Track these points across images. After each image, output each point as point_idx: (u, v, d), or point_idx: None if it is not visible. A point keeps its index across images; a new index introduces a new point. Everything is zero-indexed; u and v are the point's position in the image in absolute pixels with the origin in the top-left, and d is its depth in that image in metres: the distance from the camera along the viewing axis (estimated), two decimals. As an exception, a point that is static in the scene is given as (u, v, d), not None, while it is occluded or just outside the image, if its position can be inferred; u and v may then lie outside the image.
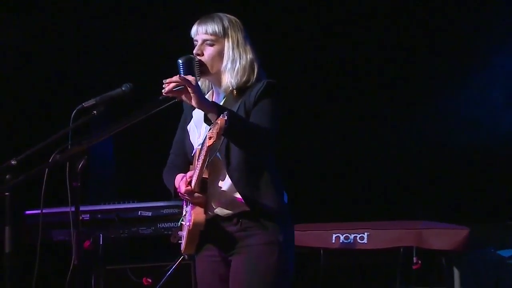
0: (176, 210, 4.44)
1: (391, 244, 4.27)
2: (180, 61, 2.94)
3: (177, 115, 3.20)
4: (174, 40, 5.39)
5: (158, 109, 2.85)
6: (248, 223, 2.88)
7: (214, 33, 2.94)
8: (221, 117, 2.60)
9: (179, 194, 2.94)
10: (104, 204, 4.48)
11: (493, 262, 4.47)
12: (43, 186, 2.79)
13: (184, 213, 3.08)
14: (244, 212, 2.88)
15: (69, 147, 2.74)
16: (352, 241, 4.30)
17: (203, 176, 2.84)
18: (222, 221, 2.92)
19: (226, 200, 2.90)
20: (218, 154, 2.86)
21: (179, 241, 3.07)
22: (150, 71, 5.33)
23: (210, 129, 2.66)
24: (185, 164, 3.07)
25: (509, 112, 5.36)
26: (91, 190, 5.39)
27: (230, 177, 2.86)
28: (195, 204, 2.90)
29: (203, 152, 2.72)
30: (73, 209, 2.72)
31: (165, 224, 4.44)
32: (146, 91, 3.05)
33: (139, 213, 4.45)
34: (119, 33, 5.63)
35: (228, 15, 3.00)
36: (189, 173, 2.91)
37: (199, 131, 3.00)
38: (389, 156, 5.52)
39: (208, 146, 2.66)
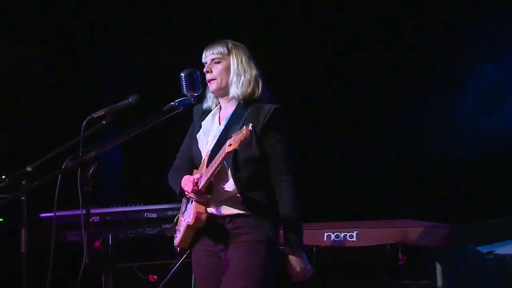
0: (179, 212, 4.43)
1: (379, 242, 4.26)
2: (182, 74, 2.97)
3: (180, 125, 3.22)
4: (177, 54, 5.42)
5: (163, 118, 2.86)
6: (240, 223, 2.96)
7: (220, 53, 3.05)
8: (245, 127, 2.68)
9: (186, 192, 2.99)
10: (113, 207, 4.48)
11: (472, 257, 4.47)
12: (57, 191, 2.79)
13: (183, 210, 3.12)
14: (236, 214, 2.96)
15: (80, 154, 2.74)
16: (342, 239, 4.29)
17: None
18: (218, 219, 2.99)
19: (225, 201, 2.97)
20: (228, 162, 2.93)
21: (174, 235, 3.13)
22: (155, 83, 5.35)
23: (231, 136, 2.73)
24: (190, 168, 3.12)
25: (487, 118, 5.37)
26: (101, 194, 5.38)
27: (235, 182, 2.93)
28: (198, 203, 2.96)
29: (220, 157, 2.80)
30: (84, 211, 2.73)
31: (170, 224, 4.43)
32: (151, 102, 3.07)
33: (145, 215, 4.45)
34: (127, 49, 5.63)
35: (232, 41, 3.11)
36: (196, 175, 2.97)
37: (207, 139, 3.07)
38: (376, 161, 5.52)
39: (228, 152, 2.74)
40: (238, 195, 2.93)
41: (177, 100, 2.92)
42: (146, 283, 4.39)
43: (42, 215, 4.34)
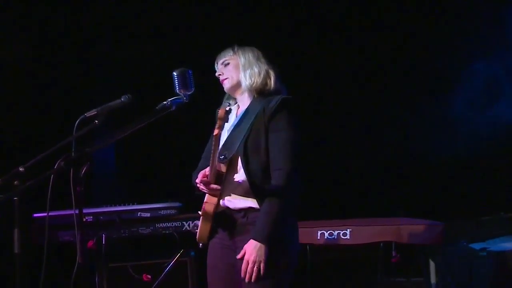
0: (173, 211, 4.44)
1: (372, 240, 4.27)
2: (175, 73, 2.96)
3: (173, 124, 3.22)
4: (170, 53, 5.41)
5: (155, 118, 2.86)
6: (254, 217, 2.94)
7: (227, 55, 3.14)
8: (221, 108, 2.80)
9: (197, 185, 3.02)
10: (106, 206, 4.48)
11: (465, 254, 4.48)
12: (49, 191, 2.79)
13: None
14: (249, 207, 2.96)
15: (73, 154, 2.74)
16: (336, 237, 4.30)
17: (221, 170, 2.94)
18: (232, 213, 3.00)
19: (238, 193, 2.98)
20: (239, 154, 2.95)
21: (196, 230, 3.15)
22: (147, 83, 5.34)
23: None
24: None
25: (480, 116, 5.38)
26: (94, 194, 5.37)
27: (247, 173, 2.93)
28: (210, 194, 3.00)
29: (213, 142, 2.87)
30: (77, 211, 2.72)
31: (163, 224, 4.44)
32: (144, 101, 3.06)
33: (138, 214, 4.44)
34: (119, 48, 5.63)
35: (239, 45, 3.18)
36: (208, 168, 3.00)
37: (223, 135, 3.08)
38: (370, 159, 5.54)
39: (215, 135, 2.82)
40: (249, 186, 2.94)
41: (169, 99, 2.92)
42: (140, 283, 4.39)
43: (35, 215, 4.32)
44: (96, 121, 2.84)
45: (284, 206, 2.91)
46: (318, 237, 4.34)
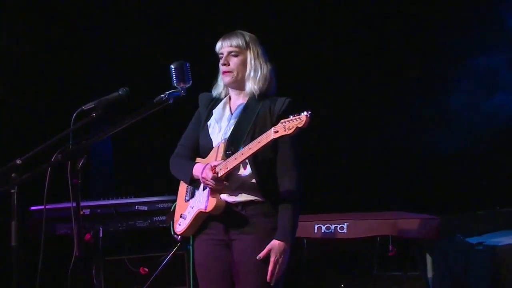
0: (170, 204, 4.43)
1: (369, 234, 4.27)
2: (172, 66, 2.95)
3: (170, 117, 3.21)
4: (167, 47, 5.40)
5: (153, 111, 2.85)
6: (254, 210, 2.96)
7: (238, 46, 3.07)
8: (303, 113, 2.72)
9: (202, 179, 2.97)
10: (103, 199, 4.47)
11: (462, 248, 4.49)
12: (46, 184, 2.78)
13: (187, 197, 3.11)
14: (250, 200, 2.96)
15: (70, 147, 2.73)
16: (333, 231, 4.30)
17: None
18: (231, 206, 2.99)
19: (239, 187, 2.97)
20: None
21: (172, 222, 3.12)
22: (144, 76, 5.33)
23: (281, 123, 2.75)
24: (193, 156, 3.13)
25: (475, 111, 5.39)
26: (91, 187, 5.36)
27: (254, 169, 2.94)
28: (215, 190, 2.96)
29: (260, 144, 2.82)
30: (74, 204, 2.72)
31: (160, 217, 4.44)
32: (141, 95, 3.06)
33: (135, 208, 4.44)
34: (117, 41, 5.61)
35: (247, 32, 3.12)
36: (213, 162, 2.97)
37: (219, 126, 3.09)
38: (367, 153, 5.54)
39: (273, 138, 2.77)
40: (254, 181, 2.95)
41: (167, 92, 2.91)
42: (137, 276, 4.39)
43: (32, 208, 4.32)
44: (94, 114, 2.83)
45: (300, 206, 2.98)
46: (315, 231, 4.34)
